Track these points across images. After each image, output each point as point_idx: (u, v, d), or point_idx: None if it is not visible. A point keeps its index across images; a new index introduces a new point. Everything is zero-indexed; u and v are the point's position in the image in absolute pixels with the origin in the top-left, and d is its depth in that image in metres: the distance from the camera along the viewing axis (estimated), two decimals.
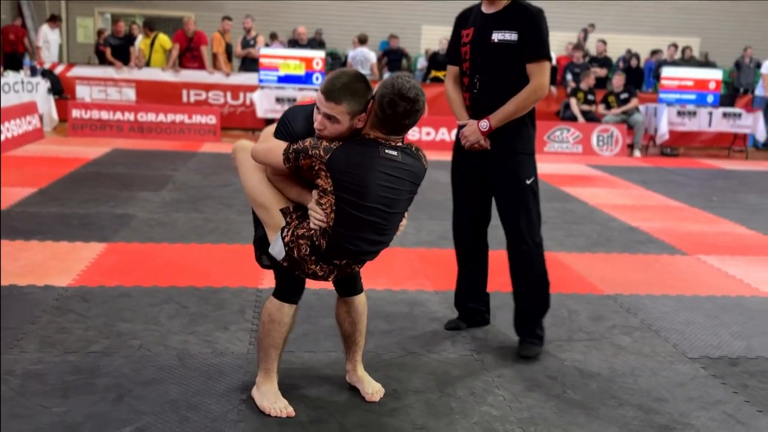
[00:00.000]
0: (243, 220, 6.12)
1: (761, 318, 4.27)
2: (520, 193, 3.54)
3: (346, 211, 2.66)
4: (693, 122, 11.65)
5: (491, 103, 3.48)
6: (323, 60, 11.72)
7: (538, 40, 3.42)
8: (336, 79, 2.64)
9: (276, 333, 2.89)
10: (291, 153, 2.68)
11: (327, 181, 2.66)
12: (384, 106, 2.64)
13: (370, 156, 2.66)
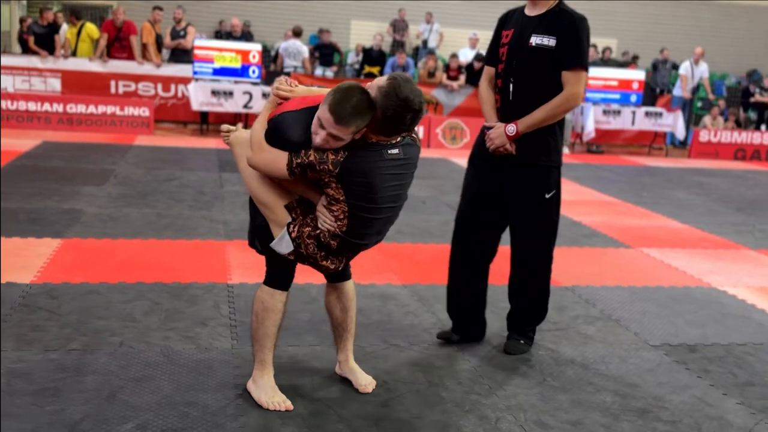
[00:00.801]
0: (197, 215, 6.07)
1: (709, 307, 4.55)
2: (537, 206, 3.45)
3: (359, 216, 2.72)
4: (617, 121, 12.15)
5: (522, 108, 3.37)
6: (260, 53, 11.63)
7: (575, 47, 3.32)
8: (346, 101, 2.59)
9: (269, 321, 2.92)
10: (296, 168, 2.67)
11: (338, 192, 2.68)
12: (389, 115, 2.63)
13: (376, 161, 2.68)
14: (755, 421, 3.07)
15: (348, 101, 2.60)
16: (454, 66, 13.06)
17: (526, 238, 3.50)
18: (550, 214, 3.50)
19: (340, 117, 2.58)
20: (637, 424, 2.99)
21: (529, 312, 3.66)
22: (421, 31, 16.50)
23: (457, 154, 11.01)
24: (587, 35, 3.36)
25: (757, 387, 3.42)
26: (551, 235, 3.54)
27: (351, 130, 2.64)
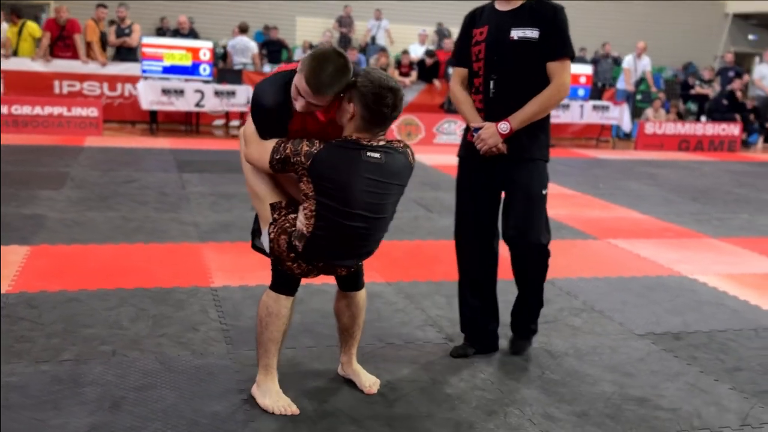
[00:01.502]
0: (164, 218, 5.95)
1: (684, 295, 4.69)
2: (535, 203, 3.37)
3: (327, 217, 2.65)
4: (567, 114, 12.37)
5: (507, 104, 3.29)
6: (211, 50, 11.44)
7: (560, 37, 3.27)
8: (321, 70, 2.54)
9: (274, 326, 2.88)
10: (277, 164, 2.67)
11: (308, 186, 2.64)
12: (369, 102, 2.61)
13: (353, 160, 2.62)
14: (750, 405, 3.18)
15: (323, 70, 2.56)
16: (406, 62, 13.10)
17: (527, 236, 3.38)
18: (544, 209, 3.44)
19: (317, 87, 2.56)
20: (640, 413, 3.06)
21: (534, 306, 3.62)
22: (369, 28, 16.48)
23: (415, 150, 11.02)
24: (567, 24, 3.32)
25: (745, 372, 3.53)
26: (547, 231, 3.47)
27: (329, 97, 2.62)
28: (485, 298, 3.58)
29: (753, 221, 7.18)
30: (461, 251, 3.57)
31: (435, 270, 4.87)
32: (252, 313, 3.94)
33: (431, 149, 11.17)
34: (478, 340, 3.58)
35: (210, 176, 7.94)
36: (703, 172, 10.58)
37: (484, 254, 3.54)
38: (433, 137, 11.56)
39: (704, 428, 2.95)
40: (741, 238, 6.36)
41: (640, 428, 2.93)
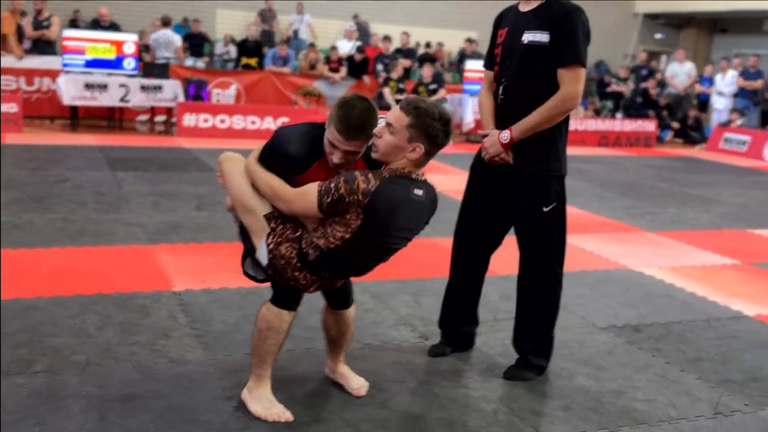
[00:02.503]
0: (107, 219, 5.76)
1: (635, 288, 4.87)
2: (538, 220, 3.20)
3: (356, 243, 2.64)
4: None
5: (517, 111, 3.12)
6: (136, 44, 11.10)
7: (570, 42, 3.04)
8: (348, 116, 2.57)
9: (272, 340, 2.84)
10: (329, 207, 2.58)
11: (356, 220, 2.59)
12: (439, 141, 2.64)
13: (403, 198, 2.63)
14: (718, 394, 3.34)
15: (350, 115, 2.59)
16: (335, 58, 13.06)
17: (527, 256, 3.29)
18: (551, 230, 3.21)
19: (348, 132, 2.58)
20: (619, 405, 3.17)
21: (529, 336, 3.38)
22: (291, 22, 16.31)
23: None
24: (584, 28, 3.07)
25: (707, 362, 3.71)
26: (554, 253, 3.26)
27: (362, 141, 2.64)
28: (470, 301, 3.58)
29: (682, 215, 7.53)
30: (456, 253, 3.54)
31: (397, 269, 4.88)
32: (222, 317, 3.88)
33: None
34: (455, 340, 3.59)
35: (145, 174, 7.72)
36: (626, 168, 11.00)
37: (477, 260, 3.50)
38: None
39: (681, 418, 3.09)
40: (674, 232, 6.66)
41: (622, 420, 3.05)
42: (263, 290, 4.25)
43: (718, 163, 12.28)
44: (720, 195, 9.01)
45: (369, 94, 12.80)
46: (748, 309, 4.56)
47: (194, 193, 7.04)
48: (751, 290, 4.98)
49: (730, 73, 14.75)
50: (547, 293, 3.35)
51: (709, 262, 5.67)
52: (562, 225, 3.28)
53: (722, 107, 14.86)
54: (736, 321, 4.34)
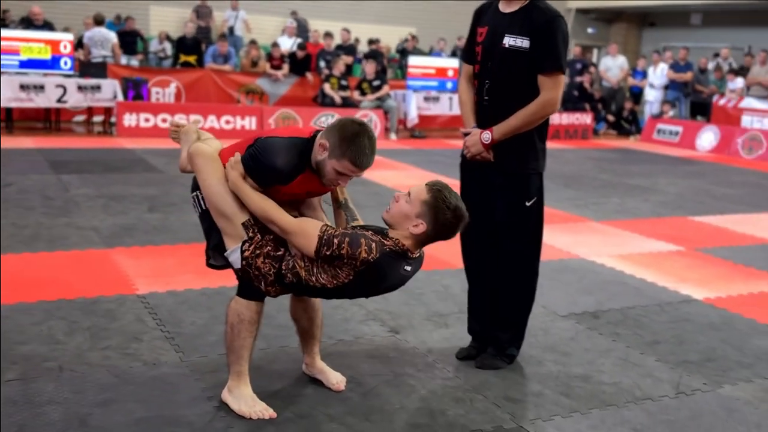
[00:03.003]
0: (58, 223, 5.64)
1: (588, 277, 5.05)
2: (517, 215, 3.29)
3: (338, 292, 2.74)
4: (437, 106, 12.78)
5: (497, 112, 3.20)
6: (72, 43, 10.84)
7: (551, 49, 3.09)
8: (363, 149, 2.65)
9: (247, 332, 2.87)
10: (323, 256, 2.62)
11: (346, 279, 2.66)
12: (445, 228, 2.71)
13: (393, 271, 2.70)
14: (678, 375, 3.51)
15: (364, 147, 2.66)
16: (277, 55, 13.00)
17: (508, 248, 3.34)
18: (531, 224, 3.34)
19: (366, 164, 2.69)
20: (588, 389, 3.30)
21: (506, 327, 3.45)
22: (226, 18, 16.11)
23: None
24: (563, 34, 3.13)
25: (663, 344, 3.88)
26: (532, 247, 3.37)
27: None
28: (491, 304, 3.52)
29: (624, 204, 7.79)
30: (465, 252, 3.57)
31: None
32: (191, 319, 3.87)
33: None
34: (482, 343, 3.55)
35: (91, 177, 7.57)
36: (567, 159, 11.28)
37: (485, 255, 3.47)
38: None
39: (646, 398, 3.24)
40: (619, 221, 6.89)
41: (593, 403, 3.18)
42: (229, 290, 4.25)
43: (653, 154, 12.71)
44: (657, 184, 9.34)
45: (312, 92, 12.82)
46: (697, 293, 4.78)
47: (144, 194, 6.94)
48: (697, 275, 5.21)
49: (661, 65, 15.26)
50: (525, 285, 3.44)
51: (656, 249, 5.90)
52: (540, 219, 3.38)
53: (653, 99, 15.37)
54: (687, 305, 4.55)
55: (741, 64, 15.99)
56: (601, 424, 2.98)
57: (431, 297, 4.41)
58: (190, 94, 12.53)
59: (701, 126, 13.82)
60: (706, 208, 7.86)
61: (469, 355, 3.55)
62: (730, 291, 4.86)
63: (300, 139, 2.81)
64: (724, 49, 15.91)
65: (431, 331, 3.90)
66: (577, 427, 2.96)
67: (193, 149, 2.93)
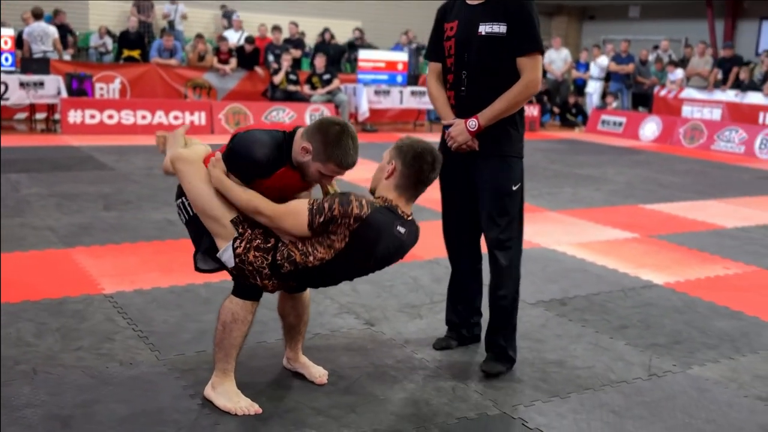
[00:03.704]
0: (13, 224, 5.50)
1: (551, 265, 5.14)
2: (505, 200, 3.29)
3: (337, 266, 2.73)
4: (388, 100, 12.80)
5: (479, 101, 3.23)
6: (12, 38, 10.52)
7: (529, 32, 3.17)
8: (347, 149, 2.68)
9: (238, 332, 2.85)
10: (319, 227, 2.65)
11: (341, 243, 2.67)
12: (409, 160, 2.80)
13: (386, 232, 2.72)
14: (648, 357, 3.61)
15: (348, 148, 2.70)
16: (225, 49, 12.83)
17: (497, 234, 3.33)
18: (518, 209, 3.36)
19: (352, 164, 2.72)
20: (564, 374, 3.37)
21: (502, 329, 3.39)
22: (166, 12, 15.78)
23: None
24: (537, 16, 3.20)
25: (631, 329, 3.99)
26: (520, 229, 3.40)
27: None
28: (471, 292, 3.60)
29: (577, 194, 7.95)
30: (448, 246, 3.60)
31: None
32: (162, 317, 3.82)
33: None
34: (460, 333, 3.62)
35: (40, 176, 7.38)
36: None
37: (467, 248, 3.54)
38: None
39: (621, 381, 3.33)
40: (574, 210, 7.04)
41: (569, 387, 3.25)
42: (198, 288, 4.25)
43: (599, 144, 12.99)
44: (606, 174, 9.56)
45: (262, 86, 12.71)
46: (657, 278, 4.92)
47: (97, 192, 6.79)
48: (654, 260, 5.36)
49: (601, 57, 15.59)
50: (514, 275, 3.40)
51: (612, 237, 6.05)
52: (522, 205, 3.42)
53: (592, 91, 15.70)
54: (649, 290, 4.68)
55: (681, 55, 16.46)
56: (581, 408, 3.06)
57: (401, 289, 4.44)
58: (135, 89, 12.28)
59: (644, 116, 14.19)
60: (655, 196, 8.08)
61: (447, 345, 3.59)
62: (688, 275, 5.02)
63: (279, 132, 2.80)
64: (664, 41, 16.34)
65: (406, 322, 3.92)
66: (558, 411, 3.02)
67: (174, 155, 2.89)
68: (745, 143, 12.33)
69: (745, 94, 13.24)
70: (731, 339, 3.89)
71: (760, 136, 12.21)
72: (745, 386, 3.33)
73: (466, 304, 3.63)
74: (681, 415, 3.02)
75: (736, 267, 5.29)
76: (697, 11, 19.30)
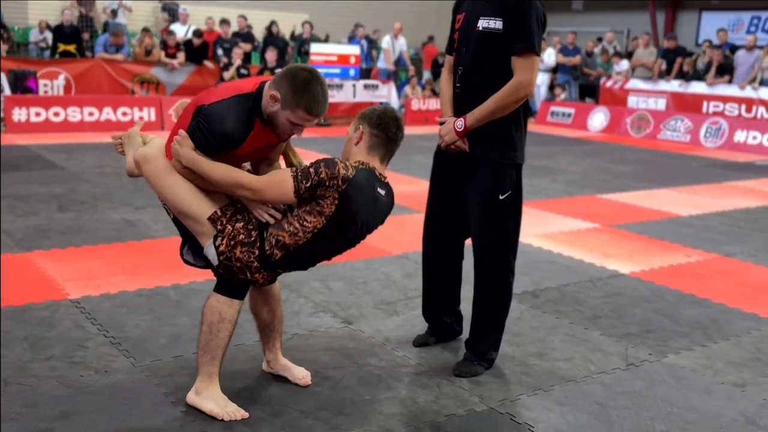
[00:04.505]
0: None
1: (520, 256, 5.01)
2: (490, 209, 3.18)
3: (326, 237, 2.67)
4: (341, 94, 12.73)
5: (472, 98, 3.11)
6: None
7: (524, 29, 3.00)
8: (316, 95, 2.61)
9: (225, 332, 2.79)
10: (306, 192, 2.59)
11: (330, 207, 2.61)
12: (375, 122, 2.80)
13: (371, 189, 2.70)
14: (624, 347, 3.66)
15: (317, 93, 2.62)
16: (172, 43, 12.57)
17: (481, 243, 3.25)
18: (506, 218, 3.22)
19: (321, 110, 2.65)
20: (545, 367, 3.40)
21: (483, 325, 3.34)
22: (107, 6, 15.34)
23: None
24: (538, 15, 3.03)
25: (603, 319, 4.04)
26: (507, 242, 3.24)
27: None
28: (448, 292, 3.56)
29: (534, 185, 8.03)
30: (427, 244, 3.50)
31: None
32: (134, 322, 3.72)
33: None
34: (438, 330, 3.59)
35: None
36: None
37: (449, 249, 3.47)
38: None
39: (601, 372, 3.37)
40: (534, 201, 7.10)
41: (552, 380, 3.27)
42: (167, 290, 4.15)
43: (549, 135, 13.15)
44: (560, 164, 9.68)
45: (212, 80, 12.49)
46: (622, 267, 5.00)
47: (50, 193, 6.58)
48: (618, 250, 5.45)
49: (549, 50, 15.78)
50: (501, 284, 3.31)
51: (575, 228, 6.13)
52: (517, 214, 3.28)
53: (540, 82, 15.88)
54: (616, 279, 4.75)
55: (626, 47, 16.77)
56: (565, 400, 3.08)
57: (374, 285, 4.41)
58: (80, 85, 11.93)
59: (592, 107, 14.42)
60: (610, 185, 8.22)
61: (426, 342, 3.58)
62: (652, 264, 5.12)
63: (244, 95, 2.69)
64: (609, 33, 16.62)
65: (383, 319, 3.90)
66: (544, 404, 3.04)
67: (138, 156, 2.80)
68: (691, 132, 12.64)
69: (688, 84, 13.57)
70: (701, 326, 3.97)
71: (705, 125, 12.54)
72: (720, 373, 3.40)
73: (443, 301, 3.60)
74: (662, 404, 3.07)
75: (697, 255, 5.41)
76: (639, 3, 19.70)
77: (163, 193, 2.75)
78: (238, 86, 2.74)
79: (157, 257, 4.79)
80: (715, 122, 12.44)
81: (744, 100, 12.76)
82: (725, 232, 6.17)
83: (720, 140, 12.22)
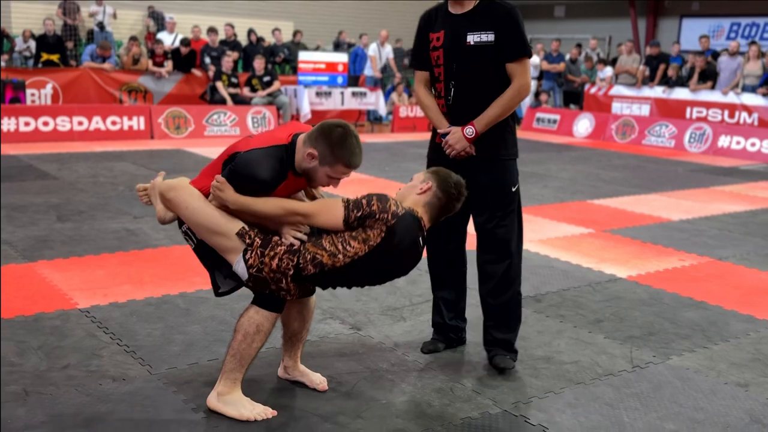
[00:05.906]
0: None
1: None
2: (507, 201, 3.39)
3: (362, 265, 2.75)
4: (329, 101, 12.79)
5: (468, 108, 3.32)
6: None
7: (517, 38, 3.26)
8: (353, 149, 2.73)
9: (259, 342, 2.87)
10: (355, 221, 2.71)
11: (377, 239, 2.71)
12: (450, 188, 2.94)
13: (413, 235, 2.78)
14: (628, 349, 3.75)
15: (354, 147, 2.75)
16: (160, 52, 12.57)
17: (501, 236, 3.40)
18: (515, 211, 3.45)
19: (359, 162, 2.78)
20: (553, 370, 3.48)
21: (508, 317, 3.49)
22: (93, 11, 15.29)
23: (186, 144, 10.75)
24: (522, 22, 3.31)
25: (606, 322, 4.13)
26: (521, 229, 3.48)
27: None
28: (455, 297, 3.67)
29: (526, 191, 8.12)
30: (432, 252, 3.60)
31: None
32: (146, 330, 3.75)
33: (204, 142, 10.95)
34: (446, 336, 3.68)
35: None
36: None
37: (454, 254, 3.61)
38: (204, 129, 11.32)
39: (608, 374, 3.45)
40: (528, 207, 7.18)
41: (561, 382, 3.35)
42: (175, 299, 4.20)
43: (536, 141, 13.30)
44: (550, 170, 9.80)
45: (200, 89, 12.52)
46: (620, 271, 5.10)
47: (46, 203, 6.59)
48: (613, 255, 5.55)
49: (533, 57, 15.94)
50: (518, 274, 3.48)
51: (569, 233, 6.23)
52: (520, 205, 3.51)
53: None
54: (614, 283, 4.85)
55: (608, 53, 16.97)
56: (576, 402, 3.16)
57: (380, 292, 4.47)
58: (67, 95, 11.91)
59: (577, 114, 14.59)
60: (600, 191, 8.35)
61: (435, 348, 3.64)
62: (648, 268, 5.22)
63: (278, 147, 2.80)
64: (593, 39, 16.83)
65: (391, 325, 3.96)
66: (556, 406, 3.12)
67: (163, 188, 2.86)
68: (675, 137, 12.83)
69: (672, 90, 13.77)
70: (701, 329, 4.07)
71: (689, 130, 12.74)
72: (723, 374, 3.50)
73: (452, 307, 3.68)
74: (670, 405, 3.16)
75: (691, 258, 5.53)
76: (620, 10, 19.97)
77: (191, 217, 2.81)
78: (274, 137, 2.85)
79: (161, 266, 4.83)
80: (699, 128, 12.64)
81: (727, 106, 12.98)
82: (716, 236, 6.30)
83: (704, 145, 12.42)
